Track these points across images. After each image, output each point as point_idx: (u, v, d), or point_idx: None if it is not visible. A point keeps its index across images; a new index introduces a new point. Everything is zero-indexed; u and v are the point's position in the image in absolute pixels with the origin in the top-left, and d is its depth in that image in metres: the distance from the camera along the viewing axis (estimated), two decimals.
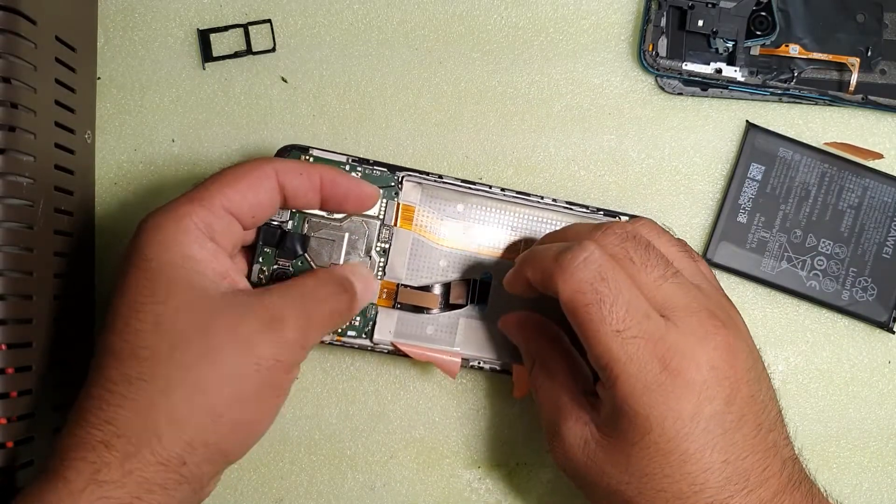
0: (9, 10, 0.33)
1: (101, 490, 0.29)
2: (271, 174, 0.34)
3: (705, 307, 0.33)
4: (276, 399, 0.33)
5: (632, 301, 0.32)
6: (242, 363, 0.31)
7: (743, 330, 0.34)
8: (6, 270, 0.33)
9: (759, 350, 0.34)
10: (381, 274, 0.39)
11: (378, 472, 0.42)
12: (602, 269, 0.32)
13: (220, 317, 0.31)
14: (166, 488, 0.30)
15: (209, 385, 0.31)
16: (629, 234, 0.34)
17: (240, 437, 0.32)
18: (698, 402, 0.31)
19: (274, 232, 0.37)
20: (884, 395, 0.43)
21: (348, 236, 0.38)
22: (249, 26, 0.42)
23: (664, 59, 0.42)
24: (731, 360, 0.32)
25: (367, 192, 0.37)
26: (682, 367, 0.31)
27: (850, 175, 0.42)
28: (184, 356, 0.31)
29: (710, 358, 0.32)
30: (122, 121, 0.42)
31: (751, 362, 0.33)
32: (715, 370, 0.32)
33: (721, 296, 0.35)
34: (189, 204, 0.33)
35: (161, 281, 0.31)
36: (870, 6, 0.43)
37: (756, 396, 0.33)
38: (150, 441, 0.30)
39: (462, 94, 0.43)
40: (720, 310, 0.33)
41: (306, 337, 0.33)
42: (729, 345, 0.32)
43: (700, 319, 0.32)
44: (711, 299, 0.34)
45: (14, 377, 0.33)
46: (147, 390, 0.30)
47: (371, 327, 0.39)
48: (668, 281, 0.33)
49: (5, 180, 0.33)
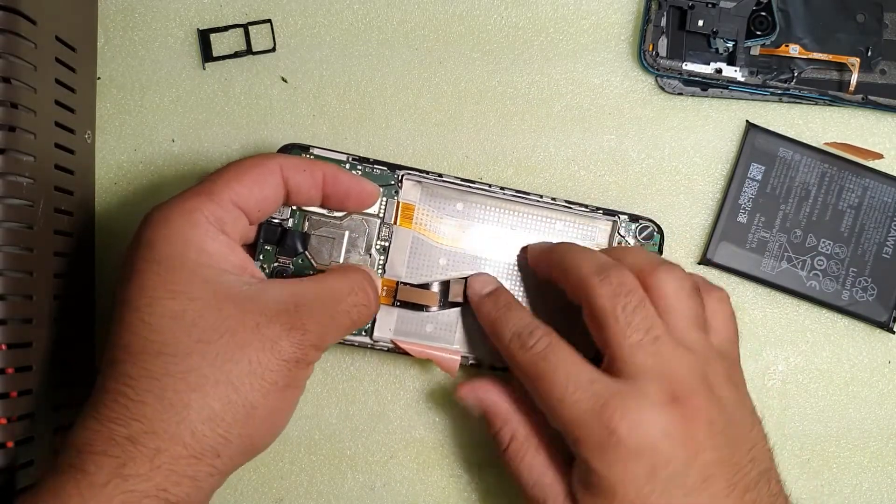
0: (9, 10, 0.33)
1: (126, 484, 0.29)
2: (276, 169, 0.35)
3: (675, 374, 0.33)
4: (296, 391, 0.33)
5: (571, 374, 0.33)
6: (269, 359, 0.31)
7: (723, 396, 0.34)
8: (6, 270, 0.33)
9: (744, 409, 0.35)
10: (381, 272, 0.39)
11: (378, 472, 0.42)
12: (546, 349, 0.34)
13: (245, 314, 0.31)
14: (196, 479, 0.30)
15: (241, 380, 0.31)
16: (624, 289, 0.34)
17: (270, 429, 0.33)
18: (652, 465, 0.32)
19: (275, 229, 0.38)
20: (884, 395, 0.43)
21: (348, 234, 0.38)
22: (249, 26, 0.42)
23: (664, 59, 0.42)
24: (686, 427, 0.32)
25: (368, 189, 0.37)
26: (628, 431, 0.32)
27: (850, 175, 0.42)
28: (213, 351, 0.31)
29: (662, 424, 0.32)
30: (122, 121, 0.42)
31: (719, 428, 0.33)
32: (669, 436, 0.32)
33: (715, 358, 0.35)
34: (197, 197, 0.33)
35: (178, 276, 0.31)
36: (870, 6, 0.43)
37: (727, 459, 0.33)
38: (182, 436, 0.30)
39: (462, 94, 0.43)
40: (696, 376, 0.33)
41: (324, 341, 0.33)
42: (685, 415, 0.32)
43: (661, 386, 0.32)
44: (692, 365, 0.33)
45: (14, 377, 0.33)
46: (176, 387, 0.30)
47: (371, 325, 0.39)
48: (645, 347, 0.33)
49: (5, 180, 0.33)
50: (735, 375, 0.35)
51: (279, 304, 0.32)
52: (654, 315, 0.34)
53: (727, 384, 0.34)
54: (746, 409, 0.35)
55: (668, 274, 0.35)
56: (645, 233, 0.40)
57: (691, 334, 0.34)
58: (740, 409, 0.34)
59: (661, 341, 0.33)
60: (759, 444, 0.34)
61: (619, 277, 0.34)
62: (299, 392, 0.34)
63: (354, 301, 0.35)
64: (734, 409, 0.34)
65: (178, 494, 0.29)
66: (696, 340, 0.34)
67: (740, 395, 0.35)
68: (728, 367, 0.35)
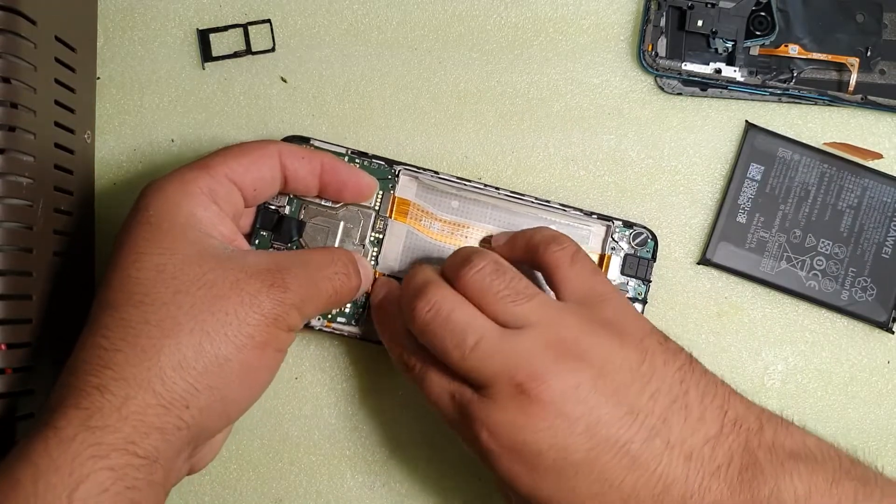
0: (9, 10, 0.33)
1: (93, 437, 0.28)
2: (275, 153, 0.35)
3: (510, 366, 0.32)
4: (275, 354, 0.33)
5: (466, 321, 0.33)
6: (247, 312, 0.31)
7: (583, 352, 0.32)
8: (6, 270, 0.33)
9: (624, 347, 0.33)
10: (374, 264, 0.40)
11: (378, 472, 0.42)
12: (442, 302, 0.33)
13: (226, 270, 0.32)
14: (164, 432, 0.30)
15: (216, 330, 0.31)
16: (491, 266, 0.34)
17: (243, 387, 0.32)
18: (532, 465, 0.32)
19: (272, 215, 0.38)
20: (883, 395, 0.43)
21: (343, 224, 0.39)
22: (249, 26, 0.42)
23: (664, 59, 0.42)
24: (543, 412, 0.31)
25: (365, 182, 0.38)
26: (494, 447, 0.32)
27: (850, 175, 0.42)
28: (189, 301, 0.31)
29: (519, 422, 0.32)
30: (121, 121, 0.42)
31: (586, 390, 0.32)
32: (528, 430, 0.32)
33: (558, 317, 0.33)
34: (194, 170, 0.34)
35: (166, 235, 0.32)
36: (869, 6, 0.43)
37: (612, 415, 0.32)
38: (152, 382, 0.30)
39: (462, 94, 0.43)
40: (532, 357, 0.32)
41: (305, 304, 0.33)
42: (538, 403, 0.31)
43: (503, 385, 0.32)
44: (522, 350, 0.32)
45: (14, 377, 0.33)
46: (150, 333, 0.30)
47: (361, 314, 0.39)
48: (469, 358, 0.32)
49: (5, 180, 0.33)
50: (606, 313, 0.34)
51: (260, 265, 0.33)
52: (468, 318, 0.33)
53: (591, 334, 0.33)
54: (631, 345, 0.33)
55: (467, 267, 0.34)
56: (639, 239, 0.40)
57: (512, 310, 0.33)
58: (622, 351, 0.32)
59: (481, 342, 0.32)
60: (664, 378, 0.33)
61: (423, 298, 0.34)
62: (279, 356, 0.33)
63: (336, 269, 0.35)
64: (610, 356, 0.32)
65: (147, 448, 0.29)
66: (521, 312, 0.33)
67: (617, 332, 0.33)
68: (590, 313, 0.34)
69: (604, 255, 0.40)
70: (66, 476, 0.28)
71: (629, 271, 0.40)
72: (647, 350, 0.33)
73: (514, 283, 0.34)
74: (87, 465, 0.28)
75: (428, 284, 0.34)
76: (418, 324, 0.34)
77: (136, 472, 0.29)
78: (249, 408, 0.33)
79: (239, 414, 0.33)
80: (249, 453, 0.42)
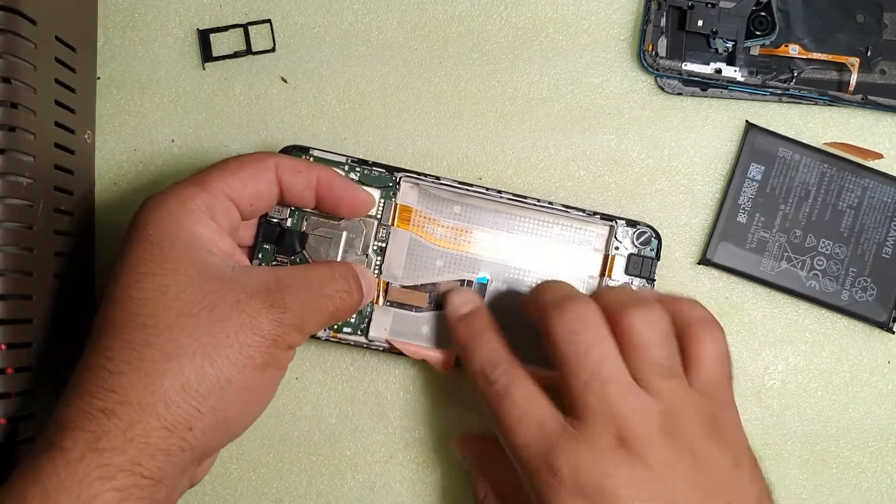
0: (9, 10, 0.33)
1: (100, 458, 0.29)
2: (271, 167, 0.35)
3: (625, 417, 0.32)
4: (275, 373, 0.33)
5: (524, 414, 0.33)
6: (247, 334, 0.32)
7: (693, 441, 0.32)
8: (6, 270, 0.33)
9: (727, 455, 0.33)
10: (378, 272, 0.39)
11: (378, 472, 0.42)
12: (505, 387, 0.34)
13: (227, 291, 0.32)
14: (169, 454, 0.30)
15: (218, 353, 0.31)
16: (580, 324, 0.34)
17: (245, 407, 0.32)
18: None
19: (273, 228, 0.38)
20: (883, 394, 0.43)
21: (346, 235, 0.39)
22: (249, 26, 0.42)
23: (664, 60, 0.42)
24: (636, 471, 0.32)
25: (362, 198, 0.38)
26: (570, 472, 0.32)
27: (850, 175, 0.42)
28: (192, 324, 0.31)
29: (606, 466, 0.32)
30: (121, 121, 0.42)
31: (681, 474, 0.32)
32: (613, 478, 0.32)
33: (688, 403, 0.33)
34: (192, 187, 0.34)
35: (167, 255, 0.32)
36: (870, 6, 0.43)
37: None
38: (156, 406, 0.30)
39: (462, 94, 0.43)
40: (651, 421, 0.32)
41: (305, 323, 0.33)
42: (635, 459, 0.32)
43: (607, 428, 0.32)
44: (647, 410, 0.33)
45: (14, 377, 0.33)
46: (154, 356, 0.30)
47: (367, 324, 0.39)
48: (593, 389, 0.32)
49: (5, 180, 0.33)
50: (721, 418, 0.34)
51: (261, 284, 0.33)
52: (610, 355, 0.33)
53: (703, 429, 0.33)
54: (730, 454, 0.33)
55: (639, 313, 0.34)
56: (642, 238, 0.40)
57: (654, 380, 0.33)
58: (720, 456, 0.33)
59: (611, 383, 0.32)
60: (743, 493, 0.33)
61: (576, 311, 0.34)
62: (279, 374, 0.34)
63: (337, 287, 0.35)
64: (709, 456, 0.33)
65: (152, 469, 0.30)
66: (660, 386, 0.33)
67: (724, 439, 0.33)
68: (710, 412, 0.34)
69: (608, 255, 0.40)
70: (73, 497, 0.28)
71: (633, 270, 0.40)
72: (740, 464, 0.33)
73: (673, 357, 0.34)
74: (94, 486, 0.28)
75: (588, 302, 0.34)
76: (560, 331, 0.33)
77: (141, 492, 0.29)
78: (251, 425, 0.34)
79: (241, 432, 0.33)
80: (250, 453, 0.42)
